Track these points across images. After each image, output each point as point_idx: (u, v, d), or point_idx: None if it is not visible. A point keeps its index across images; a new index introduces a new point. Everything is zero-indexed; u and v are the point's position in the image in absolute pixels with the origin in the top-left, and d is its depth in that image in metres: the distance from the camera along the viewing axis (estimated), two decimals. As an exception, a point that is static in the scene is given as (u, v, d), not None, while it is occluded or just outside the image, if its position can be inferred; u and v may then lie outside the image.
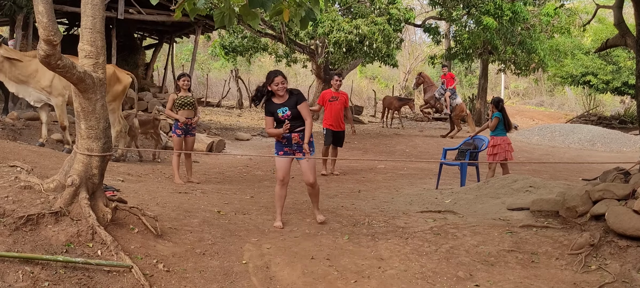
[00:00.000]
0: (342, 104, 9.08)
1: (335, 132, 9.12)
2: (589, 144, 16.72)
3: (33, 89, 8.53)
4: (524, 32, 19.15)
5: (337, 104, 9.04)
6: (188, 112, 7.68)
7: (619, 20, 6.29)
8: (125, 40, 15.25)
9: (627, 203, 4.44)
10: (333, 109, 9.06)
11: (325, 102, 9.08)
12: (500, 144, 8.23)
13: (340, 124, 9.16)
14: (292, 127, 5.15)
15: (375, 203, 6.74)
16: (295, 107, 5.15)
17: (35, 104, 8.84)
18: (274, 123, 5.24)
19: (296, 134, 5.18)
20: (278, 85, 5.10)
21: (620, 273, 4.00)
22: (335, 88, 9.11)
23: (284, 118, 5.12)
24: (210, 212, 5.48)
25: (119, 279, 3.57)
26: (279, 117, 5.14)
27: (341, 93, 9.18)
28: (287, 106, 5.14)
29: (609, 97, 31.40)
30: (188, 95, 7.76)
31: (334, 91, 9.09)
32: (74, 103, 4.15)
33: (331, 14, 15.84)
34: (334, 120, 9.05)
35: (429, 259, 4.43)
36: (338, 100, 9.03)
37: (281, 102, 5.16)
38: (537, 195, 6.03)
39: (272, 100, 5.20)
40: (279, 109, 5.14)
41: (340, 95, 9.13)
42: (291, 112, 5.14)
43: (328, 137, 9.13)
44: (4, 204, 3.84)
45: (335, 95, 9.07)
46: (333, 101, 9.05)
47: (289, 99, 5.18)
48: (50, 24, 3.54)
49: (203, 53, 33.05)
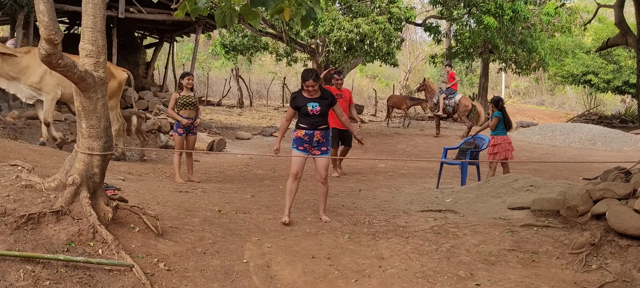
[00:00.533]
0: (346, 102, 8.87)
1: (342, 130, 8.82)
2: (590, 143, 16.71)
3: (24, 85, 8.48)
4: (524, 31, 19.16)
5: (341, 102, 8.68)
6: (190, 112, 7.69)
7: (619, 20, 6.30)
8: (126, 39, 15.25)
9: (628, 203, 4.44)
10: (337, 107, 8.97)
11: None
12: (501, 143, 8.23)
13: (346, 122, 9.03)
14: (316, 123, 5.26)
15: (375, 202, 6.74)
16: (327, 106, 5.31)
17: (27, 100, 8.78)
18: (295, 115, 5.38)
19: (319, 131, 5.26)
20: (309, 87, 5.22)
21: (621, 272, 4.00)
22: (337, 86, 8.93)
23: (313, 113, 5.22)
24: (211, 211, 5.48)
25: (120, 278, 3.58)
26: (308, 111, 5.23)
27: (344, 90, 9.00)
28: (318, 103, 5.25)
29: (610, 96, 31.39)
30: (190, 94, 7.77)
31: (336, 89, 8.87)
32: (75, 102, 4.15)
33: (332, 13, 15.84)
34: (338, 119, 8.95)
35: (429, 258, 4.43)
36: (342, 98, 8.77)
37: (312, 97, 5.26)
38: (538, 194, 6.02)
39: (302, 94, 5.30)
40: (310, 103, 5.24)
41: (344, 92, 8.96)
42: (321, 109, 5.24)
43: (335, 137, 8.86)
44: (5, 203, 3.84)
45: (338, 93, 8.79)
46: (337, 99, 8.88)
47: (322, 97, 5.30)
48: (51, 23, 3.55)
49: (204, 52, 33.06)
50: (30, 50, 8.73)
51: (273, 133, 15.49)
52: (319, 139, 5.27)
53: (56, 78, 8.31)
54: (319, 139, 5.28)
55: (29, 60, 8.39)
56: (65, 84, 8.34)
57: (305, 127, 5.27)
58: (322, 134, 5.28)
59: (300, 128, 5.31)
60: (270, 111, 23.82)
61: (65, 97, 8.73)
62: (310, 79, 5.22)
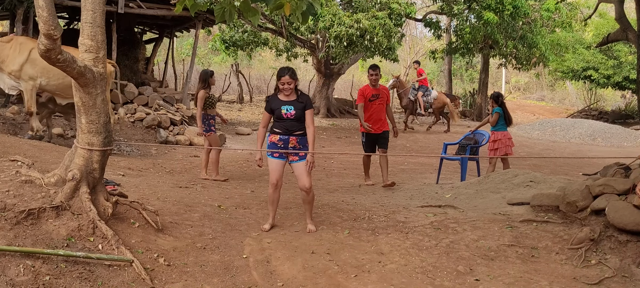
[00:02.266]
0: (384, 102, 7.77)
1: (377, 135, 7.74)
2: (590, 138, 16.71)
3: (6, 75, 8.35)
4: (525, 27, 19.13)
5: (378, 103, 7.70)
6: (214, 110, 7.70)
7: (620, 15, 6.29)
8: (125, 35, 15.21)
9: (627, 198, 4.44)
10: (374, 108, 7.71)
11: (366, 101, 7.70)
12: (501, 139, 8.23)
13: (384, 123, 7.76)
14: (291, 128, 4.99)
15: (375, 197, 6.75)
16: (302, 110, 5.00)
17: (9, 91, 8.66)
18: (271, 120, 5.11)
19: (294, 137, 4.99)
20: (284, 85, 4.98)
21: (620, 267, 4.01)
22: (372, 83, 7.74)
23: (287, 116, 4.97)
24: (211, 207, 5.48)
25: (120, 273, 3.58)
26: (282, 114, 4.98)
27: (382, 88, 7.83)
28: (293, 105, 4.99)
29: (610, 92, 31.36)
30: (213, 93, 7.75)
31: (372, 88, 7.73)
32: (75, 97, 4.15)
33: (332, 8, 15.80)
34: (375, 121, 7.68)
35: (429, 254, 4.44)
36: (379, 98, 7.71)
37: (287, 100, 5.01)
38: (538, 190, 6.03)
39: (278, 96, 5.06)
40: (284, 106, 4.98)
41: (381, 91, 7.78)
42: (296, 113, 4.98)
43: (368, 142, 7.81)
44: (5, 198, 3.84)
45: (375, 93, 7.71)
46: (374, 100, 7.70)
47: (297, 99, 5.04)
48: (50, 18, 3.54)
49: (203, 47, 33.01)
50: (11, 38, 8.67)
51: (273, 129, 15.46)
52: (294, 144, 4.99)
53: (37, 68, 8.20)
54: (295, 145, 4.99)
55: (10, 49, 8.30)
56: (49, 75, 8.23)
57: (280, 132, 5.00)
58: (297, 139, 4.99)
59: (275, 133, 5.04)
60: (270, 107, 23.75)
61: (49, 89, 8.53)
62: (287, 75, 4.97)
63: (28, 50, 8.28)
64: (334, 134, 15.81)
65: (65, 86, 8.26)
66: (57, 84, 8.35)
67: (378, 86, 7.74)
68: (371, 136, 7.71)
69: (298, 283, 3.85)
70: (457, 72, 37.49)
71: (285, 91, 5.01)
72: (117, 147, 9.56)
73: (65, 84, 8.18)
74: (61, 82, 8.26)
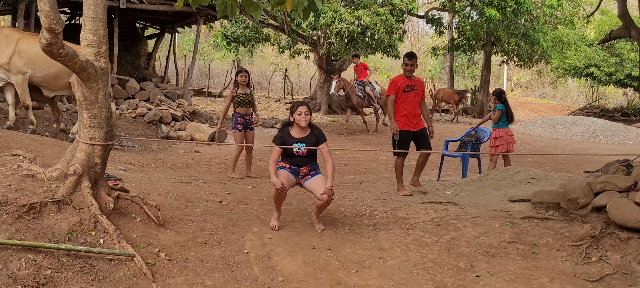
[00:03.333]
0: (419, 96, 6.80)
1: (415, 132, 6.72)
2: (591, 136, 16.71)
3: None
4: (527, 24, 19.11)
5: (413, 96, 6.71)
6: (246, 109, 7.61)
7: (622, 12, 6.27)
8: (127, 30, 15.21)
9: (628, 196, 4.44)
10: (409, 101, 6.69)
11: (398, 92, 6.72)
12: (503, 136, 8.23)
13: (419, 121, 6.77)
14: (301, 163, 4.85)
15: (376, 194, 6.75)
16: (315, 145, 4.84)
17: None
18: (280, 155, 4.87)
19: (305, 167, 4.86)
20: (301, 114, 4.79)
21: (621, 265, 4.01)
22: (408, 74, 6.75)
23: (299, 154, 4.80)
24: (212, 202, 5.49)
25: (121, 267, 3.59)
26: (293, 151, 4.80)
27: (416, 80, 6.85)
28: (305, 142, 4.81)
29: (612, 89, 31.32)
30: (247, 91, 7.65)
31: (405, 79, 6.77)
32: (76, 92, 4.15)
33: (333, 5, 15.79)
34: (411, 118, 6.67)
35: (430, 250, 4.44)
36: (414, 90, 6.73)
37: (299, 137, 4.83)
38: (539, 186, 6.03)
39: (290, 132, 4.87)
40: (296, 143, 4.80)
41: (417, 83, 6.82)
42: (306, 151, 4.81)
43: (403, 142, 6.68)
44: (7, 192, 3.85)
45: (410, 84, 6.72)
46: (408, 91, 6.71)
47: (309, 135, 4.86)
48: (52, 13, 3.54)
49: (205, 43, 33.01)
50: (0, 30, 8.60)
51: (274, 124, 15.47)
52: (305, 172, 4.85)
53: (24, 59, 8.12)
54: (306, 172, 4.85)
55: None
56: (35, 66, 8.13)
57: (290, 164, 4.86)
58: (308, 168, 4.86)
59: (285, 162, 4.89)
60: (271, 103, 23.80)
61: (35, 80, 8.33)
62: (304, 106, 4.84)
63: (15, 41, 8.18)
64: (335, 130, 15.81)
65: (51, 77, 8.21)
66: (44, 75, 8.23)
67: (413, 77, 6.80)
68: (406, 134, 6.69)
69: (299, 278, 3.86)
70: (458, 69, 37.44)
71: (300, 124, 4.81)
72: (119, 142, 9.58)
73: (52, 75, 8.14)
74: (47, 73, 8.18)
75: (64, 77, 8.18)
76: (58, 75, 8.22)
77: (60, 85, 8.44)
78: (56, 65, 7.73)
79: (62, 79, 8.30)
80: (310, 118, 4.88)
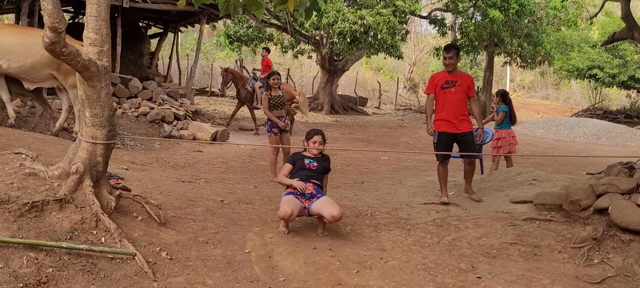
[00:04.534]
0: (463, 93, 5.97)
1: (455, 135, 5.97)
2: (594, 138, 16.67)
3: None
4: (530, 25, 19.08)
5: (454, 93, 5.94)
6: (280, 111, 7.55)
7: (626, 13, 6.25)
8: (130, 29, 15.22)
9: (631, 198, 4.43)
10: (449, 99, 5.96)
11: (437, 89, 6.05)
12: (505, 137, 8.21)
13: (462, 122, 5.97)
14: (309, 176, 4.92)
15: (378, 194, 6.75)
16: (322, 165, 5.01)
17: None
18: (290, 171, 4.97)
19: (312, 184, 4.86)
20: (315, 143, 4.99)
21: (623, 267, 4.00)
22: (449, 69, 6.03)
23: (309, 167, 4.93)
24: (214, 201, 5.49)
25: (122, 266, 3.59)
26: (304, 164, 4.94)
27: (460, 75, 6.08)
28: (317, 161, 5.00)
29: (615, 91, 31.25)
30: (280, 94, 7.60)
31: (448, 73, 6.07)
32: (79, 91, 4.15)
33: (336, 4, 15.79)
34: (451, 117, 5.95)
35: (431, 251, 4.44)
36: (457, 87, 5.95)
37: (311, 156, 5.03)
38: (541, 188, 6.02)
39: (302, 154, 5.08)
40: (307, 158, 4.99)
41: (460, 78, 6.03)
42: (317, 166, 4.97)
43: (443, 145, 5.97)
44: (8, 191, 3.86)
45: (451, 79, 5.99)
46: (448, 88, 5.97)
47: (320, 159, 5.04)
48: (55, 11, 3.54)
49: (208, 43, 33.04)
50: None
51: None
52: (311, 191, 4.82)
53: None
54: (312, 191, 4.82)
55: None
56: (10, 56, 7.73)
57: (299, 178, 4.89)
58: (314, 187, 4.87)
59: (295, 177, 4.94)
60: (274, 102, 23.76)
61: (11, 72, 7.90)
62: (320, 135, 5.05)
63: None
64: (337, 130, 15.81)
65: (28, 68, 7.81)
66: (19, 66, 7.78)
67: (457, 72, 6.06)
68: (444, 137, 5.95)
69: (300, 278, 3.86)
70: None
71: (313, 151, 5.00)
72: (121, 141, 9.59)
73: (28, 66, 7.77)
74: (23, 64, 7.76)
75: (42, 68, 7.84)
76: (35, 67, 7.83)
77: (40, 76, 8.02)
78: (32, 56, 7.58)
79: (41, 71, 7.91)
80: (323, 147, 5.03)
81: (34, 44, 7.59)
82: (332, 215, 4.58)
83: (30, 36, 7.75)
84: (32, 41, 7.63)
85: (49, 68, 7.81)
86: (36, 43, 7.65)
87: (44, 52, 7.80)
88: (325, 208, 4.65)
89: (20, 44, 7.59)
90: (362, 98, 25.91)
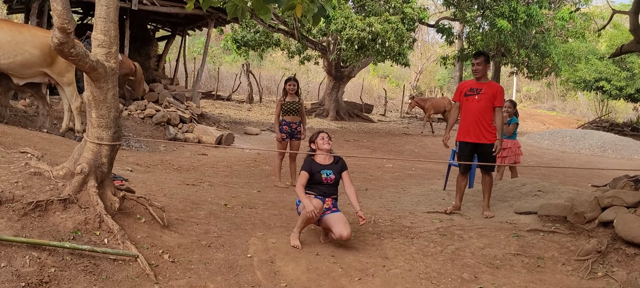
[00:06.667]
0: (488, 101, 5.75)
1: (475, 145, 5.83)
2: (600, 150, 16.59)
3: None
4: (538, 36, 19.04)
5: (476, 101, 5.77)
6: (294, 117, 7.51)
7: (634, 26, 6.23)
8: (138, 31, 15.31)
9: (636, 211, 4.40)
10: (471, 107, 5.81)
11: (461, 97, 5.97)
12: (510, 147, 8.18)
13: (483, 132, 5.78)
14: (328, 191, 4.83)
15: (382, 202, 6.73)
16: (339, 172, 4.88)
17: None
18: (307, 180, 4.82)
19: (330, 199, 4.82)
20: (323, 139, 4.92)
21: (627, 281, 3.96)
22: (477, 75, 5.88)
23: (327, 181, 4.81)
24: (217, 205, 5.50)
25: (124, 268, 3.60)
26: (322, 179, 4.81)
27: (487, 83, 5.87)
28: (332, 170, 4.86)
29: (622, 104, 31.12)
30: (295, 100, 7.56)
31: (475, 81, 5.93)
32: (86, 91, 4.17)
33: (344, 11, 15.82)
34: (472, 125, 5.80)
35: (434, 260, 4.42)
36: (481, 94, 5.77)
37: (325, 164, 4.88)
38: (546, 199, 5.99)
39: (315, 160, 4.91)
40: (323, 170, 4.84)
41: (486, 86, 5.82)
42: (334, 177, 4.85)
43: (463, 155, 5.92)
44: (13, 189, 3.87)
45: (476, 87, 5.83)
46: (471, 95, 5.83)
47: (333, 163, 4.91)
48: (64, 12, 3.57)
49: (215, 46, 33.18)
50: None
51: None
52: (329, 206, 4.78)
53: None
54: (330, 207, 4.78)
55: None
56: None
57: (316, 194, 4.81)
58: (333, 202, 4.83)
59: (312, 191, 4.84)
60: (279, 107, 23.82)
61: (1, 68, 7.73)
62: (325, 134, 4.96)
63: None
64: (342, 136, 15.81)
65: (17, 65, 7.67)
66: (8, 63, 7.63)
67: (485, 80, 5.88)
68: (464, 147, 5.86)
69: (302, 284, 3.85)
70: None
71: (324, 148, 4.91)
72: (126, 143, 9.62)
73: (17, 63, 7.65)
74: (12, 61, 7.61)
75: (33, 65, 7.74)
76: (25, 64, 7.71)
77: (31, 73, 7.89)
78: (21, 53, 7.51)
79: (31, 67, 7.79)
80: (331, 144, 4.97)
81: (24, 42, 7.52)
82: (341, 235, 4.52)
83: (21, 34, 7.64)
84: (22, 39, 7.54)
85: (40, 66, 7.73)
86: (27, 41, 7.59)
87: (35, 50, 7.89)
88: (337, 226, 4.59)
89: (9, 41, 7.46)
90: (367, 105, 25.93)
